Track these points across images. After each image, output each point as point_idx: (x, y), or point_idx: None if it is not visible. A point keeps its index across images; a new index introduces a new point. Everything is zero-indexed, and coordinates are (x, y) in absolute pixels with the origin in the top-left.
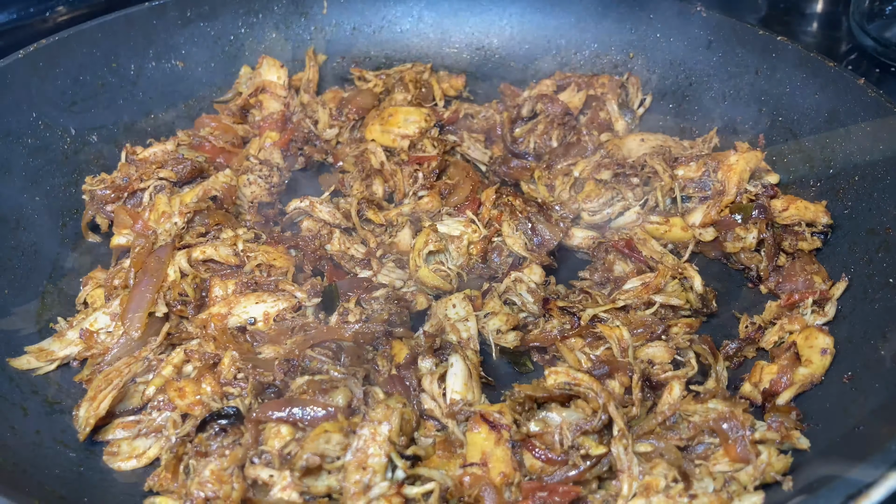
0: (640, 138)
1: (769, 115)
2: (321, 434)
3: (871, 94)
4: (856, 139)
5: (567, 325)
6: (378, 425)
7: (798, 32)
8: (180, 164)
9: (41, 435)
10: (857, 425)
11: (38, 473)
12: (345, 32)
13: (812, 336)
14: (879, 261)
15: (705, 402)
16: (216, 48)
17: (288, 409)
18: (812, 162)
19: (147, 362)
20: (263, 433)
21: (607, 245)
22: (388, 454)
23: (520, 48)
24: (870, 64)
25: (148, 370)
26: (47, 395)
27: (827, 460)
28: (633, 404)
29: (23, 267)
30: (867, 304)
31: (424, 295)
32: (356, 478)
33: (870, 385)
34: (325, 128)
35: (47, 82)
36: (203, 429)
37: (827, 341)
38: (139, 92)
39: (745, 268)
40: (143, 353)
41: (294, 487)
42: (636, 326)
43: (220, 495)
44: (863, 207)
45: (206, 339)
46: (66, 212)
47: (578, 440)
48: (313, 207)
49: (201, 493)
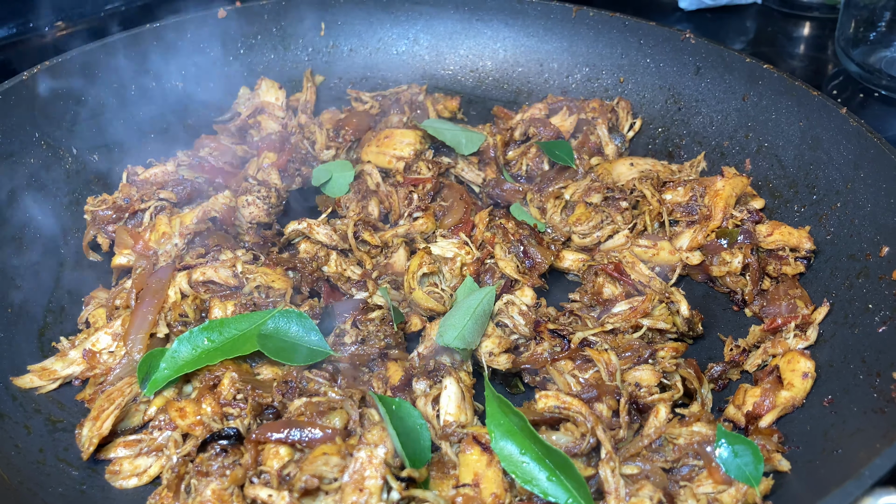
0: (629, 162)
1: (755, 141)
2: (320, 456)
3: (853, 122)
4: (838, 166)
5: (557, 348)
6: (374, 448)
7: (785, 56)
8: (180, 185)
9: (44, 453)
10: (836, 448)
11: (41, 491)
12: (342, 54)
13: (794, 360)
14: (859, 286)
15: (690, 425)
16: (215, 69)
17: (286, 430)
18: (796, 187)
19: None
20: (262, 454)
21: (596, 268)
22: (384, 476)
23: (513, 71)
24: (854, 88)
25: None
26: (50, 413)
27: (806, 483)
28: (621, 427)
29: (25, 286)
30: (847, 328)
31: (419, 316)
32: (353, 499)
33: (849, 409)
34: (322, 148)
35: (50, 103)
36: (204, 449)
37: (808, 365)
38: (140, 112)
39: (730, 291)
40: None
41: None
42: (624, 350)
43: None
44: (844, 233)
45: None
46: (67, 231)
47: None
48: (311, 230)
49: None
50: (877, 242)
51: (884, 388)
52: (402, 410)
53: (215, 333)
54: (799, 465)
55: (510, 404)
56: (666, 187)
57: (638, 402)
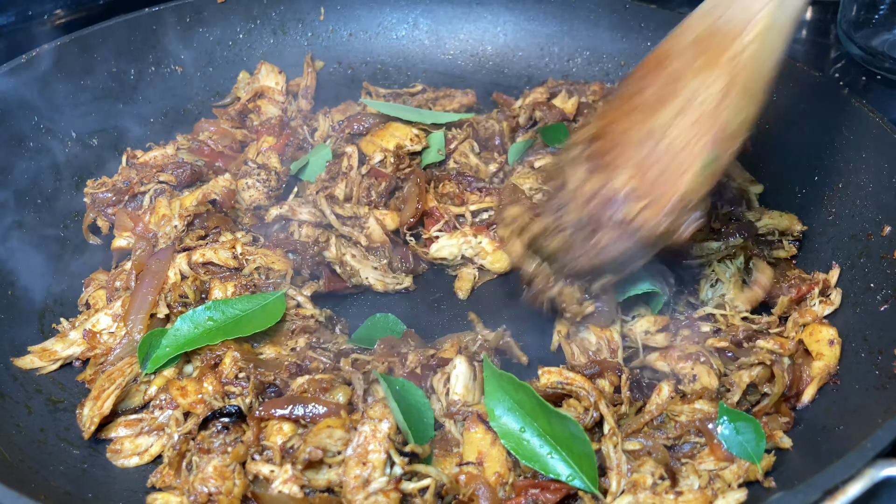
0: None
1: (757, 123)
2: (324, 429)
3: (856, 103)
4: (839, 147)
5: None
6: (378, 423)
7: None
8: (180, 168)
9: (45, 433)
10: (838, 425)
11: (43, 470)
12: (341, 38)
13: (816, 331)
14: (861, 266)
15: (692, 402)
16: (215, 53)
17: (290, 406)
18: (798, 169)
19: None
20: (265, 430)
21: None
22: (388, 451)
23: (513, 55)
24: (857, 71)
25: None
26: (51, 394)
27: (807, 459)
28: (623, 403)
29: (25, 269)
30: (849, 307)
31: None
32: (356, 472)
33: (850, 386)
34: (323, 136)
35: (49, 87)
36: (205, 427)
37: (831, 332)
38: (139, 96)
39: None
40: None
41: (295, 481)
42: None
43: (223, 490)
44: (846, 214)
45: None
46: (67, 214)
47: None
48: (293, 211)
49: (204, 488)
50: (878, 222)
51: (885, 366)
52: (406, 389)
53: (217, 313)
54: (800, 443)
55: (514, 378)
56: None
57: (640, 380)
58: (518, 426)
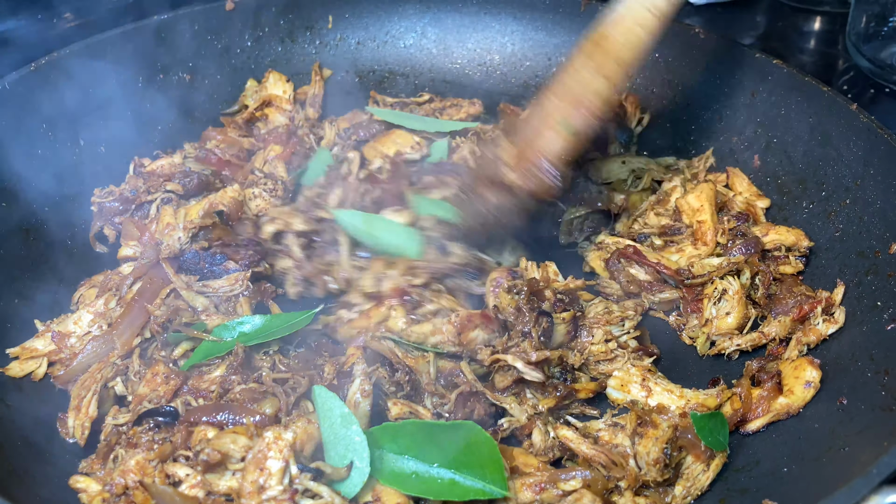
0: (620, 161)
1: (764, 137)
2: (229, 434)
3: (864, 119)
4: (847, 163)
5: None
6: (283, 431)
7: (795, 51)
8: (187, 178)
9: (51, 443)
10: (843, 446)
11: (49, 483)
12: (349, 47)
13: (801, 367)
14: (868, 283)
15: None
16: (223, 61)
17: (216, 413)
18: (805, 184)
19: (115, 367)
20: (193, 436)
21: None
22: (287, 460)
23: (521, 65)
24: (865, 83)
25: (116, 374)
26: (57, 403)
27: (812, 481)
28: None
29: (32, 277)
30: (855, 326)
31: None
32: (252, 478)
33: (856, 407)
34: (329, 144)
35: (57, 94)
36: (139, 423)
37: (814, 375)
38: (147, 104)
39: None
40: (111, 358)
41: (202, 486)
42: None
43: (139, 487)
44: (853, 231)
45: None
46: (74, 223)
47: None
48: (288, 224)
49: (122, 479)
50: (886, 239)
51: (892, 386)
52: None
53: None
54: (805, 463)
55: (388, 425)
56: (640, 215)
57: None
58: (410, 470)
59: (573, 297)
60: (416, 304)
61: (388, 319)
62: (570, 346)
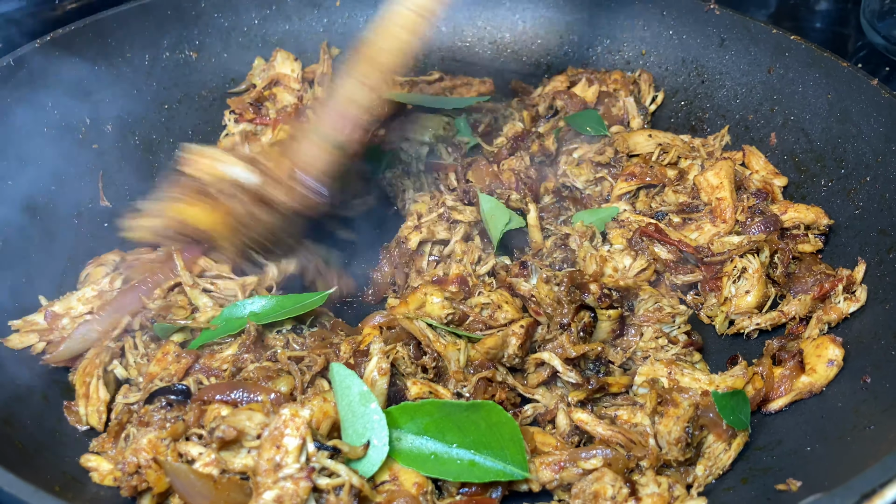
0: (647, 134)
1: (781, 114)
2: (244, 411)
3: (885, 94)
4: (868, 139)
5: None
6: (300, 408)
7: (807, 29)
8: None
9: (62, 423)
10: (868, 424)
11: (58, 460)
12: (357, 25)
13: (823, 346)
14: (890, 261)
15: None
16: (230, 39)
17: (230, 391)
18: (823, 161)
19: (110, 350)
20: (206, 413)
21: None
22: (304, 437)
23: (532, 43)
24: (879, 61)
25: (113, 357)
26: (67, 383)
27: (837, 459)
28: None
29: (39, 256)
30: (878, 304)
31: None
32: (269, 455)
33: (880, 385)
34: None
35: (63, 72)
36: (150, 401)
37: (836, 353)
38: (153, 82)
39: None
40: (104, 342)
41: (216, 464)
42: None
43: (152, 466)
44: (874, 208)
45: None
46: (81, 201)
47: None
48: None
49: (134, 458)
50: None
51: None
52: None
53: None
54: (829, 442)
55: (407, 405)
56: (659, 193)
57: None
58: (429, 451)
59: (624, 293)
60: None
61: (425, 305)
62: (613, 343)
